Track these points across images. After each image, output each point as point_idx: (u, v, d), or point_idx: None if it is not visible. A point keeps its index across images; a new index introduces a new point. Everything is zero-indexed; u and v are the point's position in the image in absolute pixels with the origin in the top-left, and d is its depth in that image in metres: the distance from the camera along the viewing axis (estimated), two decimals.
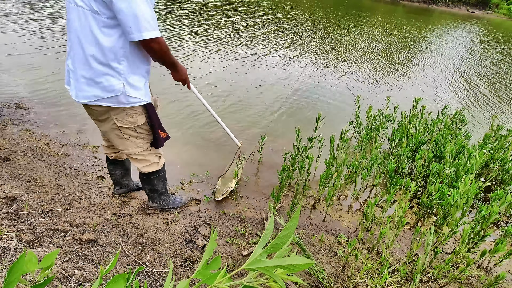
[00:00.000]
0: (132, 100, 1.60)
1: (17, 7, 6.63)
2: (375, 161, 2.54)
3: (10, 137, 2.69)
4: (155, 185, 2.02)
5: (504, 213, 2.77)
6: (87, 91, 1.53)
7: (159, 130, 1.79)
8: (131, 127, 1.71)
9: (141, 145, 1.81)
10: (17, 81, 3.75)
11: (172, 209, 2.19)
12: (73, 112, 3.30)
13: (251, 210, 2.40)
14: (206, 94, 4.25)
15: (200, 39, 6.52)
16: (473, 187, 1.99)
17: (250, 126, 3.67)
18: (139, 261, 1.73)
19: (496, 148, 2.97)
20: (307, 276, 1.86)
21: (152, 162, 1.90)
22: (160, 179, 2.01)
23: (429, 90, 5.78)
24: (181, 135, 3.26)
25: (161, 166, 1.96)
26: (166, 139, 1.87)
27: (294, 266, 0.53)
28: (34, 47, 4.75)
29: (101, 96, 1.54)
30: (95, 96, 1.54)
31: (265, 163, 3.01)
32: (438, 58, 8.18)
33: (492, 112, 5.08)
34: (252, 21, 9.05)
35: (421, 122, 3.31)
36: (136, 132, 1.74)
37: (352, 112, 3.77)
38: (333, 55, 6.99)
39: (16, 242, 1.53)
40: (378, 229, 2.31)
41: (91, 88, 1.52)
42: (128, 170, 2.19)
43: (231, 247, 2.00)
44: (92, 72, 1.48)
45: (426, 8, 21.77)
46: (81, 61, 1.48)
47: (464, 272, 1.83)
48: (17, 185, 2.10)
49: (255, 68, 5.49)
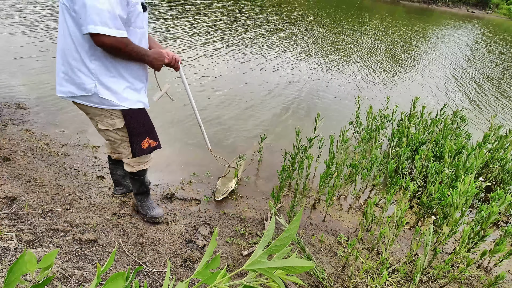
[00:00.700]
0: (106, 103, 1.55)
1: (17, 7, 6.63)
2: (375, 161, 2.54)
3: (10, 137, 2.69)
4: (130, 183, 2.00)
5: (504, 213, 2.77)
6: (64, 86, 1.53)
7: (147, 138, 1.72)
8: (112, 130, 1.66)
9: (127, 148, 1.75)
10: (17, 81, 3.75)
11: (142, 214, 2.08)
12: (73, 112, 3.30)
13: (251, 210, 2.40)
14: (212, 95, 4.25)
15: (208, 41, 6.52)
16: (472, 186, 1.99)
17: (250, 125, 3.67)
18: (139, 261, 1.73)
19: (496, 148, 2.97)
20: (307, 276, 1.86)
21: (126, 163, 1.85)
22: (135, 182, 1.96)
23: (429, 90, 5.78)
24: (182, 135, 3.26)
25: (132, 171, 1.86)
26: (154, 148, 1.79)
27: (295, 268, 0.53)
28: (34, 47, 4.75)
29: (75, 94, 1.51)
30: (70, 92, 1.52)
31: (265, 163, 3.01)
32: (439, 58, 8.18)
33: (492, 111, 5.08)
34: (256, 22, 9.05)
35: (421, 122, 3.31)
36: (118, 135, 1.69)
37: (352, 112, 3.77)
38: (334, 55, 6.99)
39: (16, 242, 1.53)
40: (378, 229, 2.31)
41: (68, 84, 1.52)
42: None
43: (231, 247, 2.00)
44: (67, 66, 1.48)
45: (426, 8, 21.76)
46: (60, 55, 1.49)
47: (464, 272, 1.83)
48: (17, 185, 2.10)
49: (253, 66, 5.49)
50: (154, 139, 1.79)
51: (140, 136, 1.72)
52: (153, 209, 2.06)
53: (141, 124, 1.70)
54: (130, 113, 1.63)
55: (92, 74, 1.48)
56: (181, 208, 2.28)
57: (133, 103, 1.62)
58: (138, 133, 1.71)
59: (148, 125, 1.75)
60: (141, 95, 1.69)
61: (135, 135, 1.70)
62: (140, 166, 1.86)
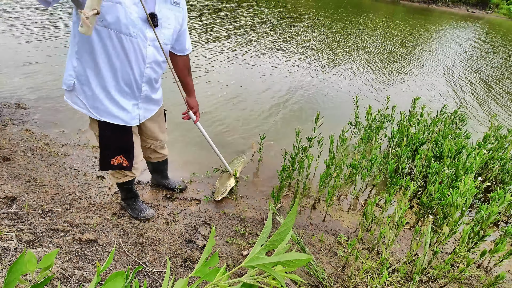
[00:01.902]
0: (79, 104, 1.47)
1: (17, 7, 6.64)
2: (375, 161, 2.54)
3: (10, 137, 2.70)
4: (120, 189, 2.01)
5: (504, 213, 2.77)
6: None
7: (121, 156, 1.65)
8: (95, 133, 1.61)
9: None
10: (17, 81, 3.75)
11: (132, 216, 2.09)
12: (73, 112, 3.30)
13: (251, 210, 2.40)
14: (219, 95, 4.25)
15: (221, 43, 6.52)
16: (472, 186, 1.99)
17: (251, 125, 3.67)
18: (139, 261, 1.73)
19: (495, 148, 2.97)
20: (307, 276, 1.86)
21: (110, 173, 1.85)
22: (122, 190, 1.98)
23: (430, 90, 5.78)
24: (182, 135, 3.26)
25: (118, 182, 1.86)
26: (124, 168, 1.69)
27: (293, 262, 0.53)
28: (34, 47, 4.76)
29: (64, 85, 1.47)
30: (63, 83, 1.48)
31: (265, 163, 3.01)
32: (440, 59, 8.19)
33: (492, 111, 5.08)
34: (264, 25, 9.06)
35: (421, 122, 3.31)
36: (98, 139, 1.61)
37: (351, 112, 3.77)
38: (334, 55, 6.99)
39: (16, 242, 1.53)
40: (378, 229, 2.31)
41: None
42: (156, 170, 2.29)
43: (231, 247, 2.00)
44: None
45: (426, 8, 21.78)
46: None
47: (464, 272, 1.83)
48: (17, 185, 2.10)
49: (249, 64, 5.50)
50: (128, 160, 1.69)
51: (112, 152, 1.64)
52: (144, 210, 2.07)
53: (118, 141, 1.62)
54: (103, 127, 1.55)
55: (74, 70, 1.42)
56: (181, 208, 2.29)
57: (104, 116, 1.51)
58: (110, 148, 1.63)
59: (127, 144, 1.65)
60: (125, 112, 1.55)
61: (106, 149, 1.62)
62: (126, 178, 1.84)
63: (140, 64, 1.45)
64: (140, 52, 1.42)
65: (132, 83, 1.49)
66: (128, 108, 1.55)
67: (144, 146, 1.98)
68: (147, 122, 1.80)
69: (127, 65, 1.42)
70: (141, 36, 1.39)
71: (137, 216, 2.05)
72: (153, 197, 2.33)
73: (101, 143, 1.59)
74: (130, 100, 1.54)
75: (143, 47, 1.42)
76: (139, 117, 1.63)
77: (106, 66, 1.40)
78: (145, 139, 1.93)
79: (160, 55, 1.50)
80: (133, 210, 2.07)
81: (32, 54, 4.51)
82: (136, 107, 1.59)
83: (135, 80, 1.49)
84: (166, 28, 1.48)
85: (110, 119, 1.52)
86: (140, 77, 1.49)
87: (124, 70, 1.43)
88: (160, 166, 2.25)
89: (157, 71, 1.56)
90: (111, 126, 1.55)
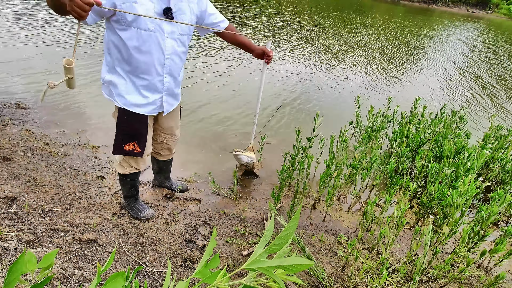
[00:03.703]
0: (108, 94, 1.67)
1: (18, 6, 6.63)
2: (375, 161, 2.54)
3: (10, 137, 2.69)
4: (120, 184, 2.02)
5: (504, 213, 2.77)
6: None
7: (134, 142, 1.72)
8: (115, 119, 1.72)
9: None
10: (17, 81, 3.75)
11: (132, 216, 2.09)
12: (73, 112, 3.30)
13: (251, 210, 2.40)
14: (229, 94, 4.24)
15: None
16: (472, 187, 1.99)
17: (251, 126, 3.67)
18: (139, 261, 1.73)
19: (496, 148, 2.97)
20: (307, 276, 1.86)
21: (118, 162, 1.87)
22: (125, 184, 1.97)
23: (430, 90, 5.78)
24: (183, 135, 3.26)
25: (124, 173, 1.87)
26: (135, 154, 1.76)
27: (294, 266, 0.53)
28: (35, 47, 4.75)
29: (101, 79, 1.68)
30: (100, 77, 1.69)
31: (265, 163, 3.01)
32: (441, 58, 8.19)
33: (493, 111, 5.08)
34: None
35: (421, 122, 3.31)
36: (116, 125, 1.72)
37: (352, 112, 3.77)
38: (334, 55, 6.99)
39: (16, 242, 1.53)
40: (378, 229, 2.31)
41: None
42: (161, 169, 2.28)
43: (231, 247, 2.00)
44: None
45: (426, 8, 21.78)
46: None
47: (464, 272, 1.83)
48: (17, 185, 2.10)
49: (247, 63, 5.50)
50: (140, 147, 1.75)
51: (127, 138, 1.71)
52: (144, 210, 2.08)
53: (133, 128, 1.70)
54: (123, 113, 1.66)
55: (106, 65, 1.62)
56: (181, 208, 2.29)
57: (127, 104, 1.63)
58: (126, 134, 1.71)
59: (141, 132, 1.73)
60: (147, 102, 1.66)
61: (122, 134, 1.70)
62: (131, 169, 1.86)
63: (160, 56, 1.57)
64: (159, 45, 1.54)
65: (154, 75, 1.61)
66: (152, 99, 1.67)
67: (158, 141, 2.02)
68: (165, 116, 1.87)
69: (149, 57, 1.55)
70: (159, 29, 1.51)
71: (137, 216, 2.06)
72: (153, 197, 2.33)
73: (117, 128, 1.69)
74: (153, 93, 1.67)
75: (161, 40, 1.53)
76: (163, 109, 1.75)
77: (131, 59, 1.53)
78: (160, 133, 1.98)
79: (178, 46, 1.62)
80: (133, 210, 2.07)
81: (33, 55, 4.51)
82: (161, 99, 1.71)
83: (157, 72, 1.61)
84: (181, 20, 1.59)
85: (131, 108, 1.64)
86: (161, 69, 1.61)
87: (146, 62, 1.56)
88: (167, 165, 2.27)
89: (177, 62, 1.66)
90: (130, 113, 1.65)
